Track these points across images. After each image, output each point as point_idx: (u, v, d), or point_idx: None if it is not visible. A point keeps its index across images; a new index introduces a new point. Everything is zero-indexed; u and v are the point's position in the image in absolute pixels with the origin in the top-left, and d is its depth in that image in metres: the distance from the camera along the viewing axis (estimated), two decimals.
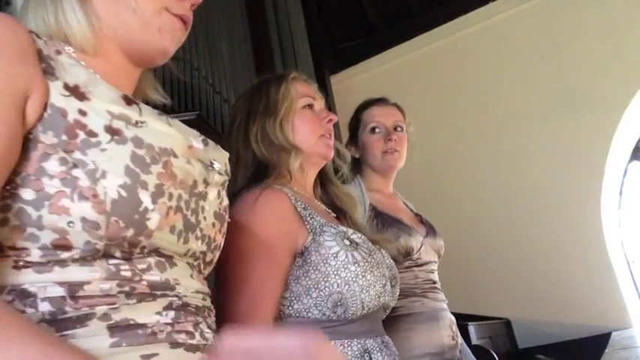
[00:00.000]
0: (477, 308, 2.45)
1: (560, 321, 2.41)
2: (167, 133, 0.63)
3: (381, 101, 1.61)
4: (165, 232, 0.58)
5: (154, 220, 0.56)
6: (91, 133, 0.55)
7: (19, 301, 0.51)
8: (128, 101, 0.61)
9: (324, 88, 3.56)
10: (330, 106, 3.53)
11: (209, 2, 2.56)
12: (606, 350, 2.85)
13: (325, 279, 0.93)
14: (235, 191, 1.02)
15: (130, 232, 0.54)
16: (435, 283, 1.44)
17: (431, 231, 1.52)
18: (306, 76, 1.20)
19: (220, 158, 0.72)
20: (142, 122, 0.60)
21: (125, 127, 0.57)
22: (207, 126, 2.08)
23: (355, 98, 3.80)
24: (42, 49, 0.58)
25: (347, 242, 0.96)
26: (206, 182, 0.67)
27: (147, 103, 0.79)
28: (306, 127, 1.09)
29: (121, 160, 0.55)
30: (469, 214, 3.54)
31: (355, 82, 4.22)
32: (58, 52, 0.59)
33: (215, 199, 0.69)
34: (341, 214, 1.15)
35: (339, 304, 0.92)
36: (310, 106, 1.12)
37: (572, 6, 3.56)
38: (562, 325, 2.31)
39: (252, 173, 1.06)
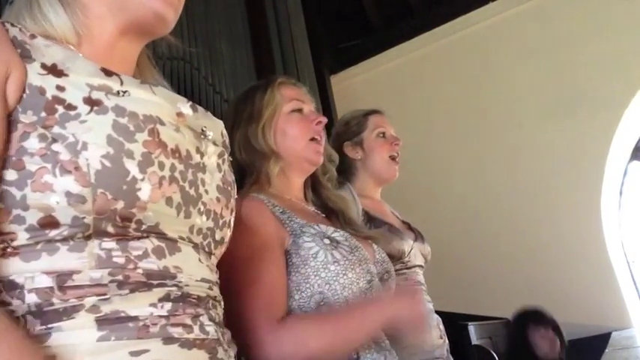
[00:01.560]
0: (477, 308, 2.45)
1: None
2: (152, 100, 0.61)
3: (380, 112, 1.66)
4: (161, 204, 0.56)
5: (145, 191, 0.53)
6: (70, 107, 0.53)
7: (7, 293, 0.50)
8: (108, 72, 0.59)
9: (324, 88, 3.57)
10: (330, 106, 3.53)
11: (209, 2, 2.56)
12: (606, 350, 2.85)
13: (306, 280, 0.93)
14: None
15: (120, 205, 0.52)
16: (422, 284, 1.49)
17: (419, 236, 1.56)
18: (295, 79, 1.21)
19: (213, 126, 0.70)
20: (123, 92, 0.58)
21: (105, 97, 0.56)
22: None
23: (355, 98, 3.81)
24: (16, 35, 0.57)
25: (327, 241, 0.96)
26: (200, 152, 0.64)
27: None
28: (295, 130, 1.09)
29: (102, 130, 0.53)
30: (469, 214, 3.54)
31: (355, 82, 4.22)
32: (33, 37, 0.59)
33: (216, 171, 0.66)
34: (333, 216, 1.15)
35: (321, 304, 0.93)
36: (299, 110, 1.12)
37: (572, 6, 3.56)
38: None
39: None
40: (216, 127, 0.71)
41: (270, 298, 0.90)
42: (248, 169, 1.07)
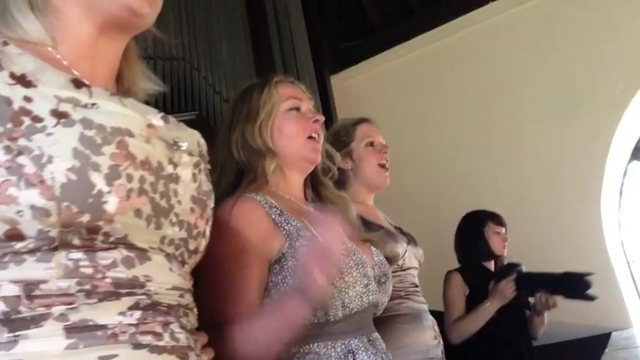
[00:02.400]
0: None
1: (560, 321, 2.40)
2: (121, 112, 0.60)
3: (368, 120, 1.67)
4: (129, 216, 0.55)
5: (111, 203, 0.53)
6: (37, 119, 0.53)
7: None
8: (78, 84, 0.59)
9: (324, 88, 3.57)
10: (330, 106, 3.53)
11: (209, 2, 2.56)
12: (606, 350, 2.85)
13: None
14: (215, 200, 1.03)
15: (85, 218, 0.52)
16: (417, 286, 1.52)
17: (412, 240, 1.59)
18: (292, 77, 1.20)
19: (187, 137, 0.69)
20: (92, 104, 0.57)
21: (73, 110, 0.55)
22: (207, 126, 2.09)
23: (355, 98, 3.80)
24: None
25: None
26: (172, 163, 0.63)
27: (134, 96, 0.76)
28: (292, 129, 1.09)
29: (68, 143, 0.53)
30: None
31: (355, 82, 4.22)
32: (5, 44, 0.58)
33: (190, 182, 0.66)
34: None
35: (317, 307, 0.91)
36: (297, 108, 1.12)
37: (572, 6, 3.56)
38: (562, 325, 2.31)
39: (232, 179, 1.06)
40: (191, 138, 0.70)
41: (244, 302, 0.90)
42: (246, 168, 1.06)
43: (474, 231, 2.26)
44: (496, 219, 2.27)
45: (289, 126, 1.09)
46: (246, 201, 0.98)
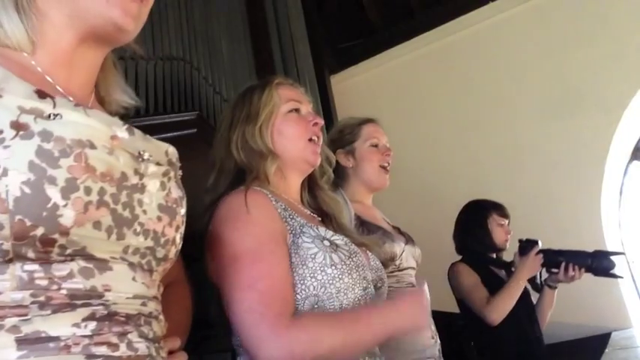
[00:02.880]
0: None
1: (560, 321, 2.40)
2: (85, 124, 0.59)
3: (374, 121, 1.67)
4: (87, 228, 0.55)
5: (67, 217, 0.53)
6: None
7: None
8: (41, 94, 0.58)
9: (324, 88, 3.57)
10: (330, 106, 3.53)
11: (209, 2, 2.56)
12: (606, 350, 2.85)
13: (302, 281, 0.93)
14: (217, 197, 1.03)
15: (39, 231, 0.52)
16: (414, 286, 1.51)
17: (410, 240, 1.59)
18: (292, 80, 1.21)
19: (152, 149, 0.69)
20: (55, 115, 0.57)
21: (33, 121, 0.55)
22: (207, 126, 2.08)
23: (355, 98, 3.80)
24: None
25: (327, 243, 0.96)
26: (138, 173, 0.63)
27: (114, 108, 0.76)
28: (292, 131, 1.10)
29: (25, 156, 0.52)
30: None
31: (355, 82, 4.22)
32: None
33: (158, 190, 0.66)
34: (327, 219, 1.15)
35: (316, 306, 0.92)
36: (297, 110, 1.12)
37: (572, 6, 3.56)
38: (562, 325, 2.31)
39: (232, 178, 1.06)
40: (157, 149, 0.70)
41: (283, 293, 0.89)
42: (246, 168, 1.07)
43: (476, 221, 2.22)
44: (500, 210, 2.22)
45: (289, 128, 1.10)
46: (257, 193, 0.98)
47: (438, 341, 1.46)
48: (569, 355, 2.75)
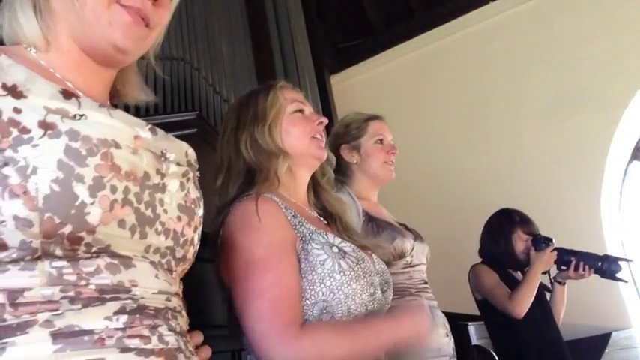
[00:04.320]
0: (477, 308, 2.45)
1: (560, 321, 2.41)
2: (109, 124, 0.61)
3: (381, 118, 1.68)
4: (112, 227, 0.56)
5: (94, 215, 0.54)
6: (24, 130, 0.54)
7: None
8: (67, 95, 0.59)
9: (324, 88, 3.57)
10: (330, 106, 3.53)
11: (209, 2, 2.56)
12: (606, 350, 2.85)
13: (311, 287, 0.94)
14: (228, 200, 1.03)
15: (68, 229, 0.53)
16: (426, 283, 1.51)
17: (418, 236, 1.59)
18: (293, 78, 1.22)
19: (174, 149, 0.70)
20: (80, 115, 0.58)
21: (60, 121, 0.56)
22: (207, 126, 2.08)
23: (355, 98, 3.79)
24: None
25: (335, 250, 0.97)
26: (160, 173, 0.64)
27: (128, 104, 0.78)
28: (298, 130, 1.11)
29: (54, 155, 0.53)
30: (468, 214, 3.53)
31: (355, 82, 4.22)
32: None
33: (178, 191, 0.67)
34: (332, 220, 1.16)
35: (324, 311, 0.94)
36: (301, 110, 1.14)
37: (572, 6, 3.56)
38: (562, 325, 2.31)
39: (243, 179, 1.07)
40: (179, 149, 0.71)
41: (291, 302, 0.91)
42: (257, 167, 1.08)
43: (502, 233, 2.32)
44: (526, 227, 2.31)
45: (295, 127, 1.12)
46: (268, 201, 0.99)
47: (452, 339, 1.47)
48: (570, 355, 2.75)
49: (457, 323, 2.41)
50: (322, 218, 1.14)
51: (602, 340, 2.91)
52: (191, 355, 0.65)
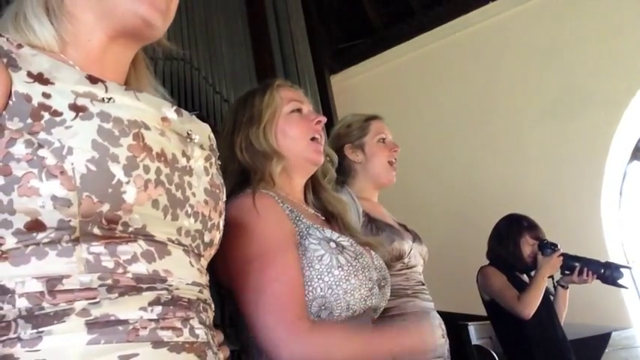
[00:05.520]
0: (477, 308, 2.45)
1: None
2: (136, 107, 0.61)
3: (381, 118, 1.70)
4: (147, 206, 0.56)
5: (130, 194, 0.54)
6: (56, 113, 0.54)
7: None
8: (93, 80, 0.60)
9: (324, 88, 3.57)
10: (330, 106, 3.53)
11: (209, 3, 2.56)
12: (606, 350, 2.85)
13: (309, 283, 0.93)
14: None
15: (105, 207, 0.53)
16: (423, 284, 1.52)
17: (417, 237, 1.59)
18: (292, 82, 1.22)
19: (199, 130, 0.70)
20: (108, 98, 0.59)
21: (90, 104, 0.57)
22: None
23: (355, 98, 3.79)
24: (2, 45, 0.58)
25: (333, 245, 0.97)
26: (186, 155, 0.64)
27: None
28: (295, 130, 1.10)
29: (88, 135, 0.54)
30: (468, 214, 3.54)
31: (355, 82, 4.22)
32: (20, 46, 0.60)
33: (203, 174, 0.67)
34: (332, 219, 1.15)
35: (323, 307, 0.93)
36: (299, 110, 1.13)
37: (572, 6, 3.56)
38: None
39: (237, 180, 1.07)
40: (202, 131, 0.71)
41: (295, 296, 0.90)
42: (251, 169, 1.07)
43: (510, 237, 2.39)
44: (534, 232, 2.38)
45: (292, 128, 1.11)
46: (265, 196, 0.99)
47: (447, 340, 1.47)
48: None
49: (457, 323, 2.41)
50: (320, 215, 1.14)
51: (602, 340, 2.91)
52: (218, 350, 0.65)
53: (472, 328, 2.55)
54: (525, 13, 3.72)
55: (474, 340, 2.55)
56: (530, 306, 2.12)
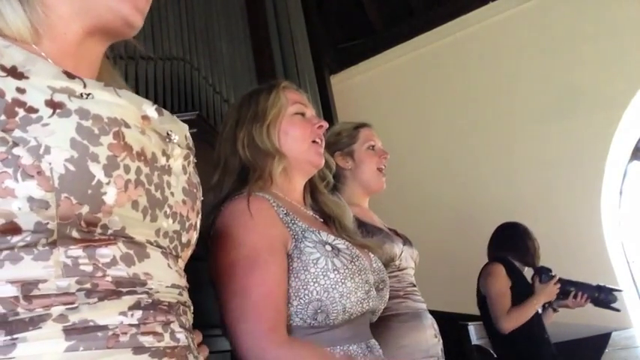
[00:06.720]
0: (477, 308, 2.46)
1: (560, 321, 2.41)
2: (116, 103, 0.59)
3: (370, 125, 1.72)
4: (126, 208, 0.54)
5: (110, 195, 0.52)
6: (31, 110, 0.51)
7: None
8: (70, 75, 0.57)
9: (324, 88, 3.57)
10: (330, 106, 3.53)
11: (209, 2, 2.56)
12: (606, 350, 2.85)
13: (305, 287, 0.93)
14: (222, 198, 1.03)
15: (85, 209, 0.51)
16: (415, 286, 1.54)
17: (407, 241, 1.62)
18: (293, 78, 1.22)
19: (178, 130, 0.68)
20: (87, 94, 0.56)
21: (68, 100, 0.54)
22: (207, 126, 2.08)
23: (355, 98, 3.80)
24: None
25: (328, 248, 0.96)
26: (165, 154, 0.63)
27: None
28: (298, 132, 1.11)
29: (66, 134, 0.51)
30: (468, 214, 3.54)
31: (355, 82, 4.22)
32: None
33: (181, 174, 0.65)
34: (330, 222, 1.15)
35: (319, 311, 0.93)
36: (302, 113, 1.14)
37: (572, 6, 3.56)
38: (562, 325, 2.32)
39: (237, 177, 1.07)
40: (180, 131, 0.70)
41: (275, 303, 0.90)
42: (251, 166, 1.07)
43: (518, 236, 2.45)
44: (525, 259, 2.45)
45: (295, 129, 1.11)
46: (259, 199, 0.99)
47: (441, 340, 1.48)
48: (570, 355, 2.75)
49: (457, 323, 2.41)
50: (318, 217, 1.14)
51: (602, 340, 2.91)
52: (198, 354, 0.64)
53: (472, 328, 2.55)
54: (525, 13, 3.72)
55: (474, 340, 2.55)
56: (513, 324, 2.19)
